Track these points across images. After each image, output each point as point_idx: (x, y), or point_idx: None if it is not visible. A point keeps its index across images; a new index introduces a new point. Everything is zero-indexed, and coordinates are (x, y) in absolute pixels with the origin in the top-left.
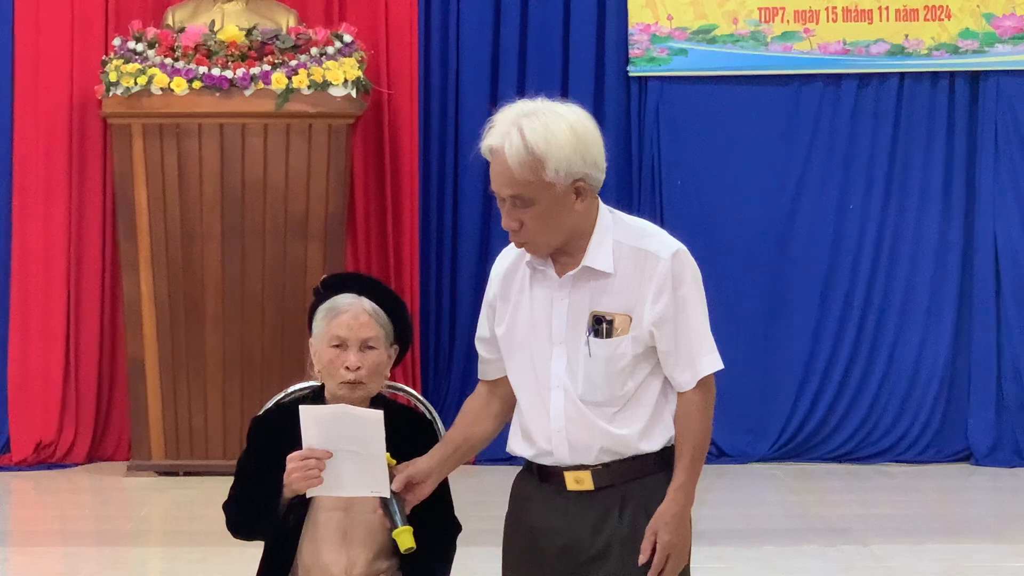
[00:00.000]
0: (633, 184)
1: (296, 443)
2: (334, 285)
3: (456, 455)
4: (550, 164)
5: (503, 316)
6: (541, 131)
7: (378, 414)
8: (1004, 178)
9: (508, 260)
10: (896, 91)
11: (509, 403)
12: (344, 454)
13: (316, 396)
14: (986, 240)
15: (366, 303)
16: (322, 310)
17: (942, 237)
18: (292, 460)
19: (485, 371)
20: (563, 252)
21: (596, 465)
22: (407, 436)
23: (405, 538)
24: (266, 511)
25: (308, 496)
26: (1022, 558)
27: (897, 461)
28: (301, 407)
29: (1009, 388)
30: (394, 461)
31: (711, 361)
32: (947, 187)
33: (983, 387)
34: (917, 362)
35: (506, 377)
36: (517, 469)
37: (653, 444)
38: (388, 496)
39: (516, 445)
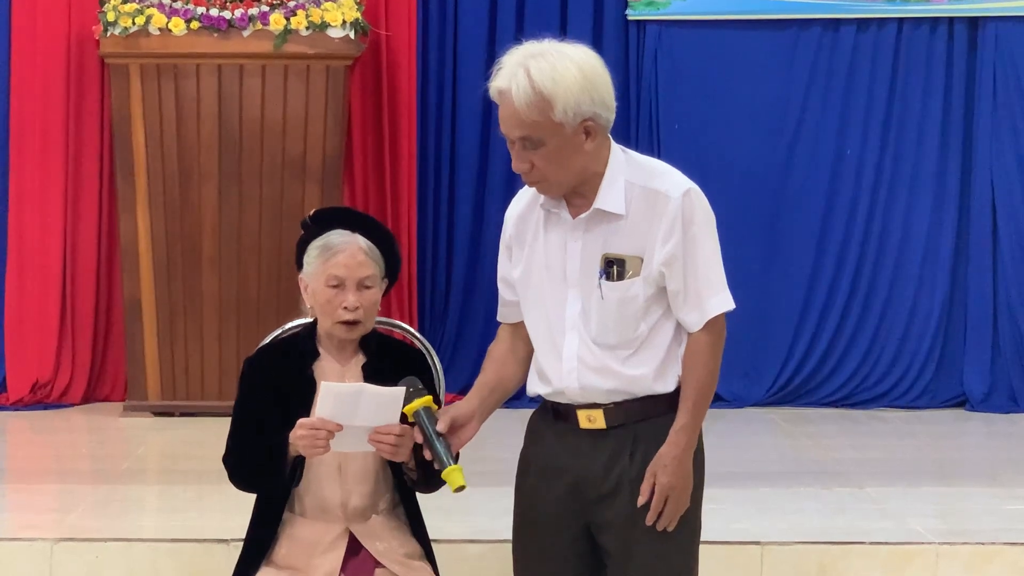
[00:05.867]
0: (631, 128)
1: (291, 381)
2: (324, 220)
3: (493, 397)
4: (558, 104)
5: (519, 259)
6: (548, 71)
7: (399, 392)
8: (1002, 124)
9: (523, 202)
10: (895, 36)
11: (532, 346)
12: (356, 423)
13: (309, 333)
14: (983, 187)
15: (361, 241)
16: (316, 247)
17: (939, 183)
18: (302, 427)
19: (506, 314)
20: (576, 194)
21: (608, 404)
22: (403, 371)
23: (456, 477)
24: (267, 469)
25: None
26: (1016, 501)
27: (892, 407)
28: (323, 383)
29: (1005, 335)
30: (436, 406)
31: (720, 301)
32: (945, 133)
33: (979, 334)
34: (913, 308)
35: None
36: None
37: (667, 385)
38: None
39: (534, 385)
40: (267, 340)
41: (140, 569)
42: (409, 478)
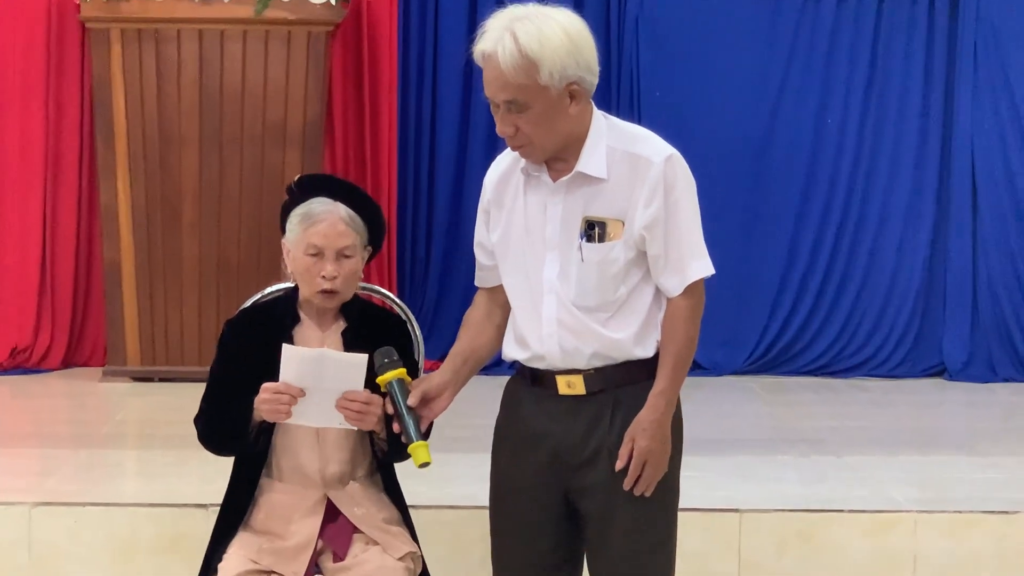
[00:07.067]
0: (612, 95)
1: (270, 346)
2: (309, 186)
3: (466, 367)
4: (544, 67)
5: (497, 222)
6: (535, 34)
7: (362, 358)
8: (982, 96)
9: (503, 166)
10: (875, 7)
11: (509, 311)
12: (320, 391)
13: (290, 298)
14: (963, 156)
15: (342, 210)
16: (297, 214)
17: (920, 152)
18: (266, 390)
19: (483, 278)
20: (558, 158)
21: (588, 369)
22: (383, 338)
23: (421, 453)
24: (235, 432)
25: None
26: (993, 469)
27: (871, 375)
28: (285, 345)
29: (984, 304)
30: (409, 379)
31: (700, 267)
32: (925, 104)
33: (958, 303)
34: (893, 277)
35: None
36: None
37: (647, 350)
38: (354, 429)
39: (510, 350)
40: (248, 303)
41: (118, 533)
42: (380, 448)
